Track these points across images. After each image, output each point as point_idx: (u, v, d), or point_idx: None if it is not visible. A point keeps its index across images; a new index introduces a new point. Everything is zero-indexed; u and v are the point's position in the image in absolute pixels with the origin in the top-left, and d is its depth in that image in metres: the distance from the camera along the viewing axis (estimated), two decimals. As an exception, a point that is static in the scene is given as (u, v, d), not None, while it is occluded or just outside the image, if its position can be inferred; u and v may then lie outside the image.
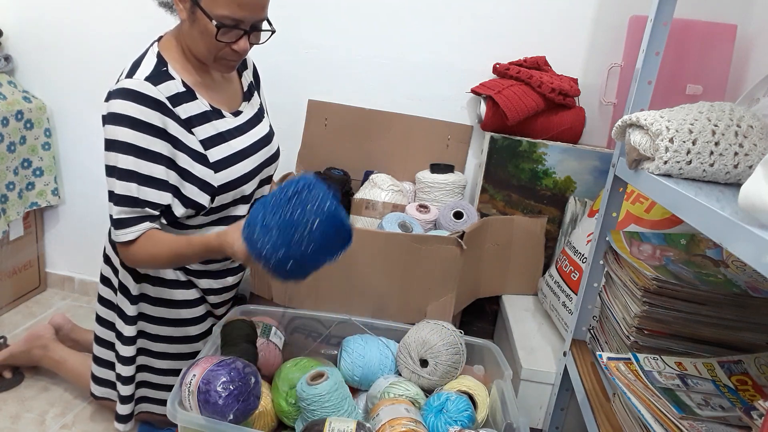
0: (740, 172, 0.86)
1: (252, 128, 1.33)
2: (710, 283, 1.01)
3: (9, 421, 1.52)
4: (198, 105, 1.21)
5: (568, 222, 1.65)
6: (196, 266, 1.34)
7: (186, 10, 1.13)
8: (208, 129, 1.22)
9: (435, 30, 1.76)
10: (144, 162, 1.12)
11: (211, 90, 1.26)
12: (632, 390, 0.91)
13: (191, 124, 1.19)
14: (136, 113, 1.11)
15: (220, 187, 1.23)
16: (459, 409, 1.11)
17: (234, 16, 1.10)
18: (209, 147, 1.21)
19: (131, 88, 1.12)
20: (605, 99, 1.66)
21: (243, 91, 1.36)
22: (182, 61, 1.22)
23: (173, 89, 1.17)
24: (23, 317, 2.01)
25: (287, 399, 1.14)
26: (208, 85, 1.26)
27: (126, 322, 1.32)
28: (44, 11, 1.93)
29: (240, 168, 1.26)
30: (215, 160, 1.22)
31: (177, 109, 1.17)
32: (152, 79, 1.14)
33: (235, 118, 1.30)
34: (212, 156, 1.21)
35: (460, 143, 1.81)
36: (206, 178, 1.20)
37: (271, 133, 1.40)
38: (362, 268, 1.41)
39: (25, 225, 2.03)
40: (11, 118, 1.85)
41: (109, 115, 1.12)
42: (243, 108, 1.34)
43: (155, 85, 1.14)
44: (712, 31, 1.54)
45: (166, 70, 1.18)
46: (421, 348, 1.22)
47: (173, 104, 1.16)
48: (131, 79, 1.13)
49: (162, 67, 1.18)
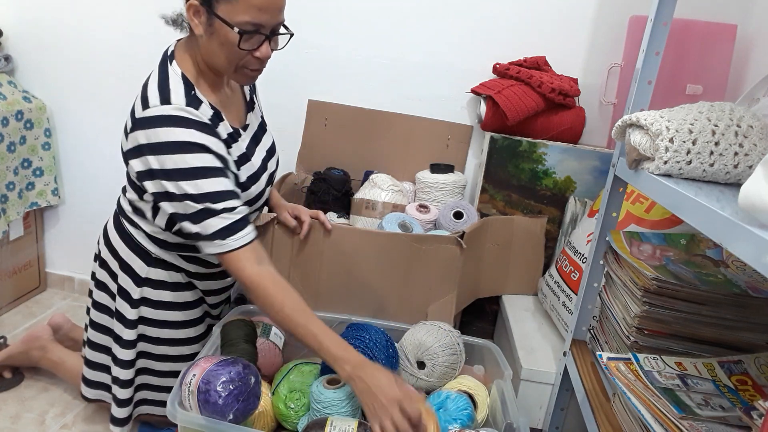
0: (740, 172, 0.86)
1: (260, 141, 1.34)
2: (710, 283, 1.01)
3: (9, 421, 1.52)
4: (226, 126, 1.21)
5: (568, 222, 1.65)
6: (197, 269, 1.34)
7: (203, 24, 1.10)
8: (237, 149, 1.23)
9: (435, 30, 1.76)
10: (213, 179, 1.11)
11: (225, 108, 1.24)
12: (632, 390, 0.91)
13: (228, 143, 1.20)
14: (188, 137, 1.09)
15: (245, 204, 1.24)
16: (458, 408, 1.11)
17: (255, 21, 1.08)
18: (239, 166, 1.23)
19: (178, 115, 1.10)
20: (605, 99, 1.66)
21: (246, 102, 1.35)
22: (204, 85, 1.19)
23: (207, 112, 1.16)
24: (23, 317, 2.01)
25: (286, 402, 1.14)
26: (224, 104, 1.24)
27: (126, 326, 1.31)
28: (44, 11, 1.93)
29: (258, 186, 1.28)
30: (243, 180, 1.23)
31: (217, 129, 1.17)
32: (191, 104, 1.12)
33: (245, 133, 1.29)
34: (241, 176, 1.23)
35: (460, 143, 1.81)
36: None
37: (273, 144, 1.42)
38: (362, 268, 1.41)
39: (25, 225, 2.03)
40: (11, 118, 1.85)
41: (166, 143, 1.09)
42: (249, 121, 1.33)
43: (197, 109, 1.12)
44: (712, 31, 1.54)
45: (195, 94, 1.15)
46: (417, 350, 1.22)
47: (213, 125, 1.15)
48: (170, 106, 1.10)
49: (191, 91, 1.15)
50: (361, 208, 1.60)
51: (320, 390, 1.09)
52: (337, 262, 1.41)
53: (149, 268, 1.30)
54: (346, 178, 1.73)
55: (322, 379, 1.12)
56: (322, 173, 1.72)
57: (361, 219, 1.60)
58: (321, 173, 1.72)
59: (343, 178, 1.71)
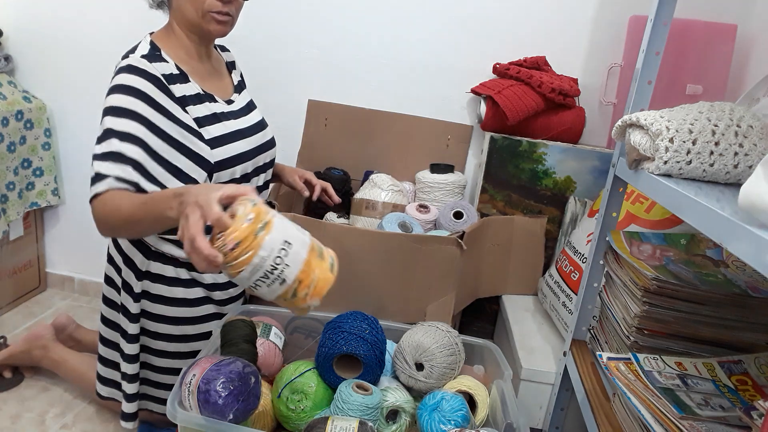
0: (740, 172, 0.86)
1: (245, 114, 1.39)
2: (710, 283, 1.01)
3: (9, 421, 1.52)
4: (191, 87, 1.26)
5: (568, 222, 1.65)
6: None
7: None
8: (202, 109, 1.26)
9: (435, 30, 1.76)
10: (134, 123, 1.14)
11: (204, 78, 1.31)
12: (632, 390, 0.91)
13: (185, 102, 1.23)
14: (134, 83, 1.15)
15: (218, 164, 1.25)
16: (453, 408, 1.10)
17: None
18: (204, 125, 1.25)
19: (129, 64, 1.17)
20: (605, 99, 1.66)
21: (234, 85, 1.42)
22: (176, 49, 1.27)
23: (167, 70, 1.22)
24: (23, 317, 2.01)
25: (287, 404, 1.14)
26: (201, 74, 1.31)
27: (130, 320, 1.33)
28: (44, 11, 1.93)
29: (237, 146, 1.30)
30: (211, 137, 1.25)
31: (172, 87, 1.20)
32: (149, 58, 1.19)
33: (227, 105, 1.35)
34: (208, 133, 1.25)
35: (460, 143, 1.81)
36: (203, 154, 1.23)
37: (264, 121, 1.45)
38: (362, 268, 1.41)
39: (25, 225, 2.03)
40: (11, 118, 1.85)
41: (110, 88, 1.16)
42: (234, 98, 1.39)
43: (151, 62, 1.18)
44: (712, 31, 1.54)
45: (160, 54, 1.23)
46: (415, 352, 1.22)
47: (168, 82, 1.20)
48: (128, 58, 1.19)
49: (156, 51, 1.23)
50: (361, 208, 1.60)
51: (349, 392, 1.09)
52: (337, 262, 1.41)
53: (149, 262, 1.32)
54: (346, 178, 1.73)
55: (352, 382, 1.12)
56: (322, 173, 1.72)
57: (361, 219, 1.60)
58: (321, 173, 1.72)
59: (343, 178, 1.71)
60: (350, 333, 1.17)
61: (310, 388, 1.16)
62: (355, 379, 1.16)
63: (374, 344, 1.18)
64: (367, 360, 1.16)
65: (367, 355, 1.16)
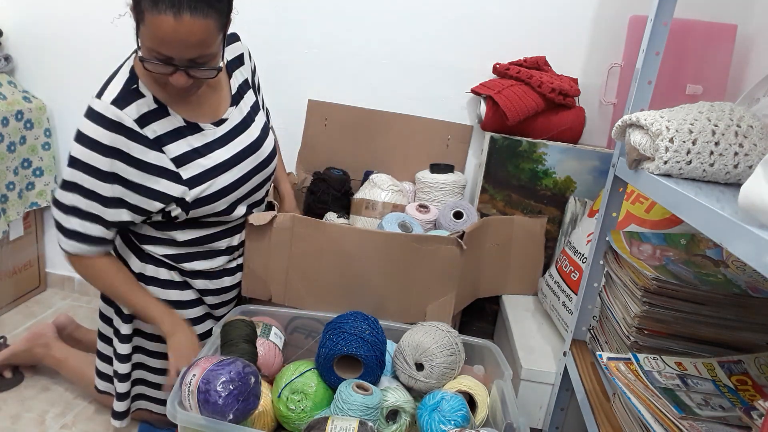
0: (740, 172, 0.86)
1: (237, 136, 1.31)
2: (710, 283, 1.01)
3: (9, 421, 1.52)
4: (171, 121, 1.21)
5: (568, 222, 1.65)
6: (190, 267, 1.34)
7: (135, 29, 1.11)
8: (182, 145, 1.22)
9: (435, 30, 1.76)
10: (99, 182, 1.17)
11: (189, 103, 1.24)
12: (632, 390, 0.91)
13: (161, 142, 1.20)
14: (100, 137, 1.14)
15: (195, 202, 1.24)
16: (453, 408, 1.10)
17: (157, 50, 1.05)
18: (183, 163, 1.22)
19: (97, 111, 1.15)
20: (605, 99, 1.66)
21: (231, 95, 1.33)
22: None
23: (143, 108, 1.17)
24: (23, 317, 2.01)
25: (287, 405, 1.14)
26: (185, 99, 1.23)
27: (123, 319, 1.34)
28: (44, 11, 1.93)
29: (222, 180, 1.27)
30: (189, 177, 1.23)
31: (145, 129, 1.17)
32: (119, 101, 1.15)
33: (216, 129, 1.28)
34: (186, 173, 1.23)
35: (460, 143, 1.81)
36: (173, 193, 1.22)
37: (260, 138, 1.36)
38: (362, 268, 1.41)
39: (25, 225, 2.03)
40: (11, 118, 1.85)
41: (76, 132, 1.16)
42: (228, 115, 1.31)
43: (122, 108, 1.15)
44: (712, 31, 1.54)
45: (137, 88, 1.18)
46: (415, 352, 1.22)
47: (141, 124, 1.17)
48: (99, 101, 1.16)
49: (132, 85, 1.18)
50: (361, 208, 1.60)
51: (349, 392, 1.09)
52: (337, 262, 1.41)
53: (142, 264, 1.33)
54: (346, 178, 1.73)
55: (352, 382, 1.12)
56: (322, 173, 1.72)
57: (361, 219, 1.60)
58: (321, 173, 1.72)
59: (343, 178, 1.71)
60: (350, 334, 1.17)
61: (310, 389, 1.16)
62: (355, 379, 1.16)
63: (374, 345, 1.18)
64: (368, 361, 1.16)
65: (367, 356, 1.16)
